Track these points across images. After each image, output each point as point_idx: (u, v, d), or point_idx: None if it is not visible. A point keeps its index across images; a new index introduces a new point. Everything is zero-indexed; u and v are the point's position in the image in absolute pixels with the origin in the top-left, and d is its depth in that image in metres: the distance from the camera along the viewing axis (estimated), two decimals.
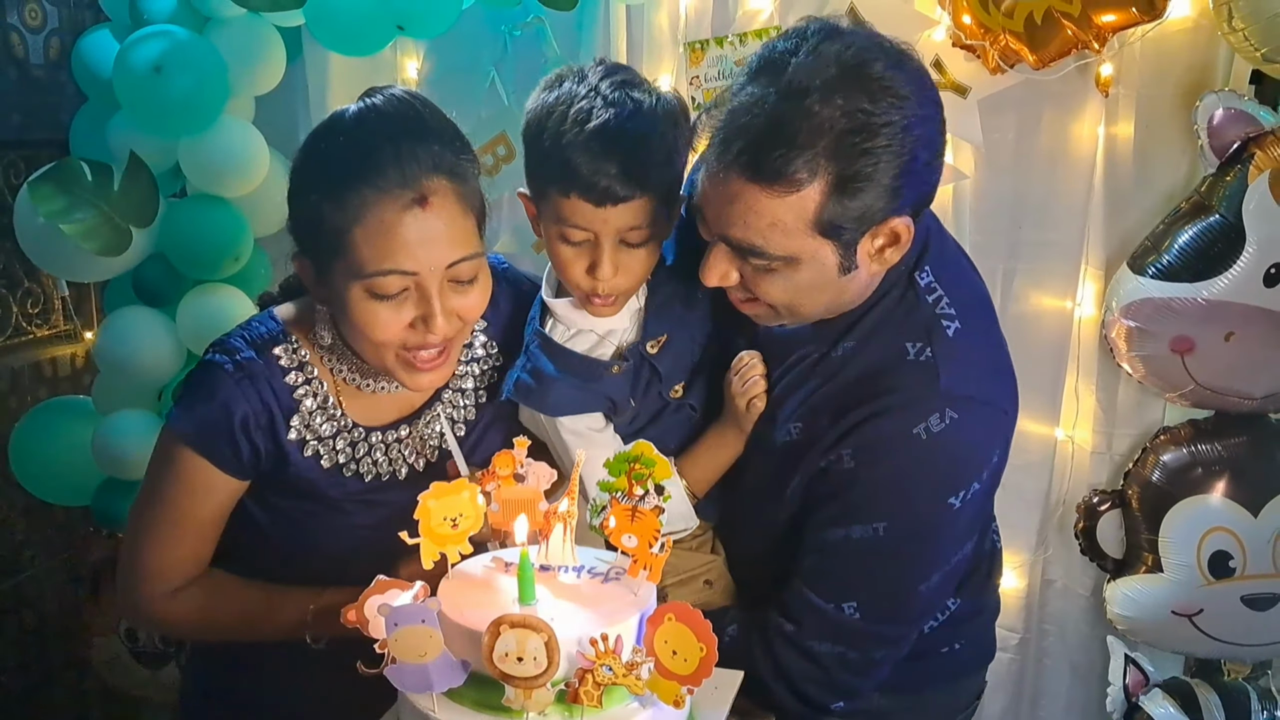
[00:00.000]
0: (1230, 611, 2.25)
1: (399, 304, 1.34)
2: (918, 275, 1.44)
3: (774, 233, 1.31)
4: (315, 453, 1.47)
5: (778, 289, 1.39)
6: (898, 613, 1.47)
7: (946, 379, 1.39)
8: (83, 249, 2.31)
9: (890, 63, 1.29)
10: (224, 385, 1.41)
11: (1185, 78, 2.26)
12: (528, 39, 2.59)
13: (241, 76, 2.42)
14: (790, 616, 1.47)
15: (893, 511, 1.40)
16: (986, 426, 1.44)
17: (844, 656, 1.45)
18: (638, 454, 1.25)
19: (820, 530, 1.45)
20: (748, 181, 1.29)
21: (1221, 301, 2.13)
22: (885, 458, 1.39)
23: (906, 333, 1.42)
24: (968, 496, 1.41)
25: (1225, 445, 2.26)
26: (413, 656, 1.08)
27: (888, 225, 1.33)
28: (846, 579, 1.44)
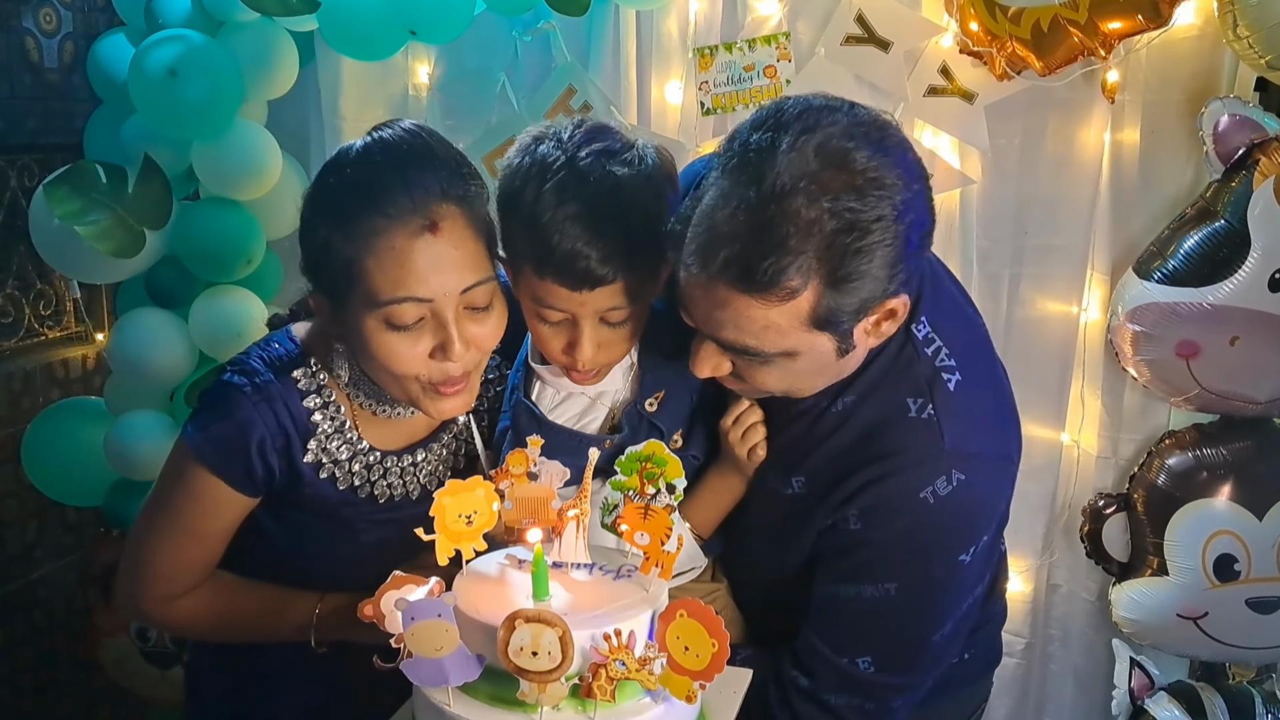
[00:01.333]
0: (1235, 614, 2.25)
1: (417, 334, 1.33)
2: (915, 328, 1.40)
3: (768, 334, 1.27)
4: (331, 475, 1.46)
5: (774, 378, 1.35)
6: (912, 664, 1.46)
7: (951, 438, 1.36)
8: (97, 250, 2.33)
9: (874, 148, 1.22)
10: (242, 407, 1.40)
11: (1190, 84, 2.27)
12: (538, 44, 2.60)
13: (255, 80, 2.44)
14: (804, 669, 1.46)
15: (903, 573, 1.38)
16: (993, 481, 1.42)
17: (862, 707, 1.44)
18: (649, 453, 1.26)
19: (831, 585, 1.44)
20: (738, 292, 1.23)
21: (1226, 306, 2.13)
22: (892, 521, 1.37)
23: (906, 388, 1.38)
24: (977, 550, 1.40)
25: (1230, 449, 2.26)
26: (428, 651, 1.09)
27: (884, 307, 1.29)
28: (859, 634, 1.42)
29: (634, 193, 1.34)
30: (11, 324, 2.82)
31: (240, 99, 2.41)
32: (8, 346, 2.81)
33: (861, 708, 1.44)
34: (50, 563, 2.96)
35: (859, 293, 1.24)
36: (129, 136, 2.46)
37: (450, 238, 1.30)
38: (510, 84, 2.63)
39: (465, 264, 1.32)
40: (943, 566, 1.39)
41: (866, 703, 1.44)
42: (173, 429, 2.55)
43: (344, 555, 1.51)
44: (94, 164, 2.36)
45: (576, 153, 1.34)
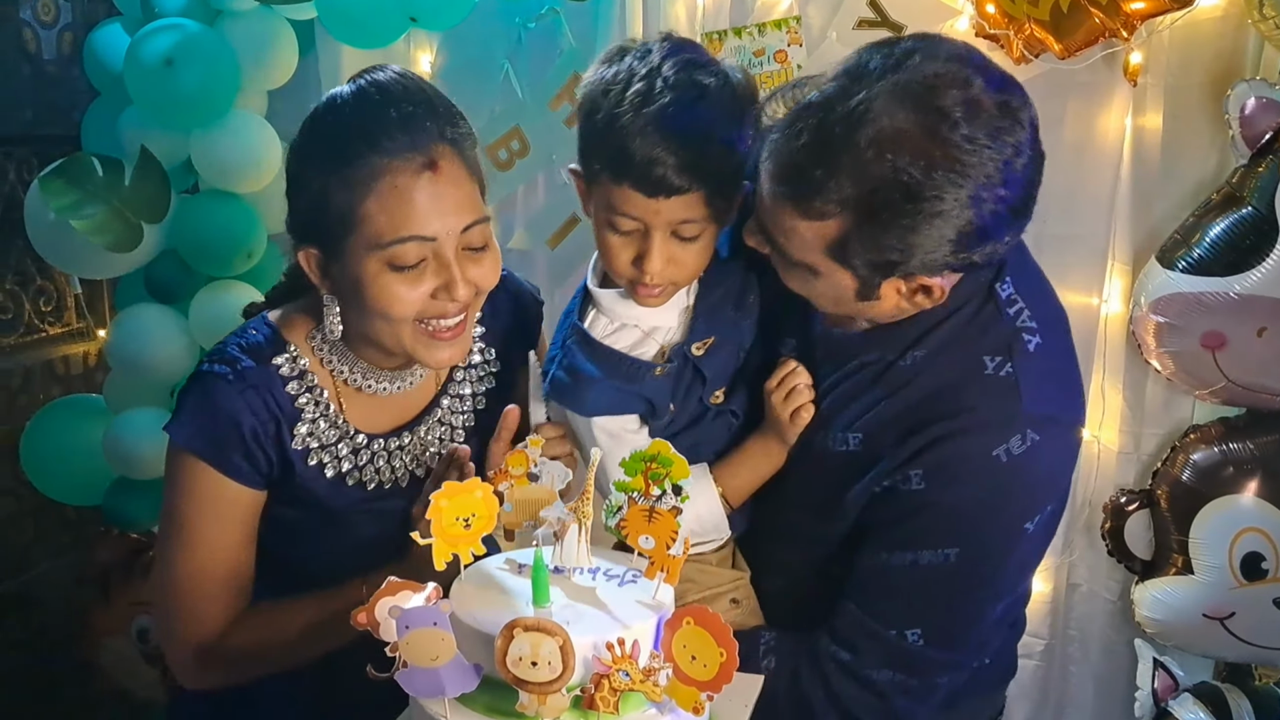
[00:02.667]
0: (1263, 614, 2.20)
1: (418, 275, 1.32)
2: (999, 286, 1.37)
3: (793, 241, 1.29)
4: (319, 462, 1.44)
5: (797, 285, 1.37)
6: (963, 639, 1.41)
7: (1028, 398, 1.33)
8: (93, 244, 2.30)
9: (979, 130, 1.18)
10: (228, 396, 1.38)
11: (1214, 67, 2.22)
12: (542, 31, 2.57)
13: (253, 70, 2.43)
14: (845, 644, 1.41)
15: (966, 538, 1.34)
16: (1065, 449, 1.40)
17: (905, 684, 1.40)
18: (654, 453, 1.22)
19: (883, 553, 1.39)
20: (775, 189, 1.26)
21: (1254, 296, 2.08)
22: (962, 482, 1.33)
23: (985, 346, 1.35)
24: (1041, 520, 1.37)
25: (1258, 444, 2.21)
26: (424, 660, 1.06)
27: (918, 280, 1.28)
28: (911, 605, 1.38)
29: (717, 105, 1.34)
30: (11, 320, 2.82)
31: (237, 89, 2.40)
32: (7, 343, 2.82)
33: (905, 684, 1.40)
34: (48, 561, 2.96)
35: (886, 253, 1.23)
36: (126, 128, 2.45)
37: (449, 177, 1.31)
38: (514, 71, 2.61)
39: (464, 203, 1.33)
40: (1007, 533, 1.35)
41: (911, 679, 1.39)
42: None
43: (338, 552, 1.48)
44: (90, 156, 2.36)
45: (662, 62, 1.35)
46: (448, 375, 1.56)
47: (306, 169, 1.35)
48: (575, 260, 2.65)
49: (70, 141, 2.71)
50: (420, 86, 1.36)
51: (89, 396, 2.79)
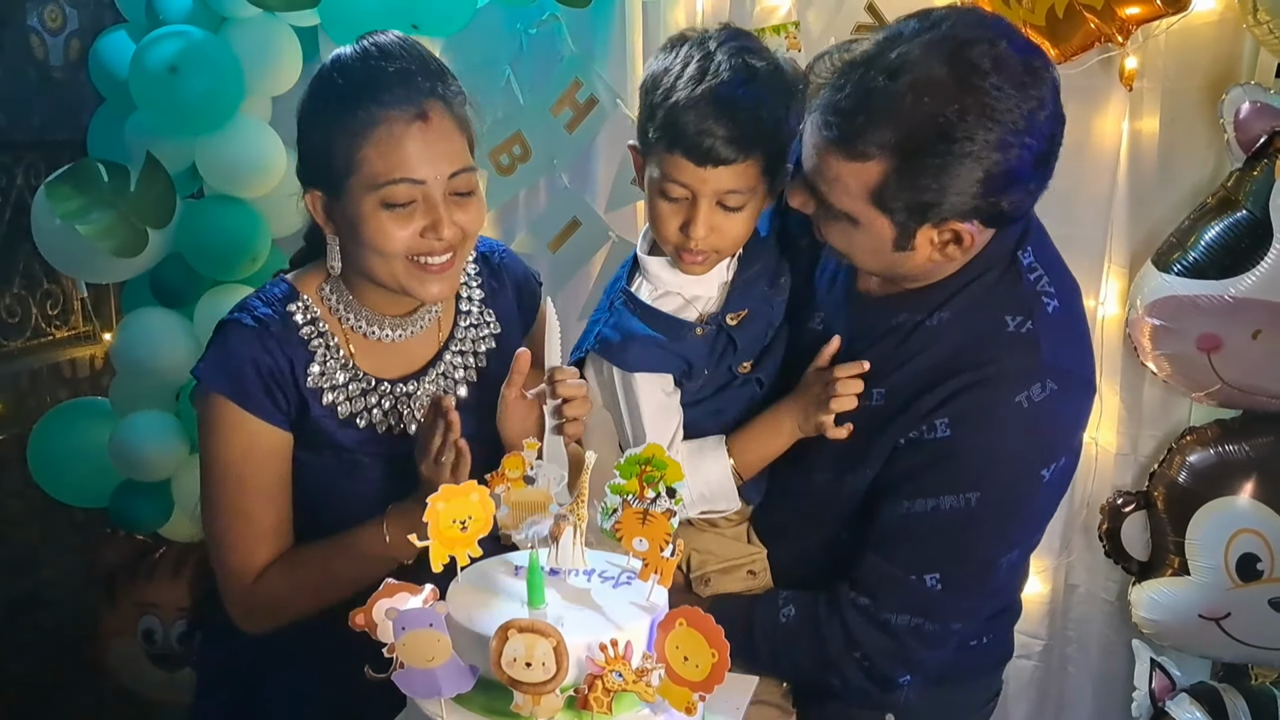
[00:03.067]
0: (1258, 615, 2.22)
1: (409, 215, 1.45)
2: (1021, 254, 1.46)
3: (837, 189, 1.37)
4: (332, 401, 1.55)
5: (835, 238, 1.44)
6: (979, 585, 1.48)
7: (1048, 351, 1.41)
8: (99, 249, 2.32)
9: (1008, 82, 1.28)
10: (247, 339, 1.51)
11: (1210, 71, 2.24)
12: (543, 37, 2.60)
13: (258, 76, 2.45)
14: (865, 589, 1.47)
15: (988, 480, 1.41)
16: (1081, 400, 1.47)
17: (921, 628, 1.45)
18: (649, 456, 1.23)
19: (904, 502, 1.45)
20: (823, 136, 1.36)
21: (1249, 299, 2.10)
22: (986, 427, 1.40)
23: (1007, 307, 1.43)
24: (1057, 469, 1.43)
25: (1253, 445, 2.22)
26: (420, 661, 1.07)
27: (949, 225, 1.36)
28: (931, 549, 1.44)
29: (766, 86, 1.45)
30: (18, 323, 2.84)
31: (241, 95, 2.41)
32: (15, 346, 2.84)
33: (921, 629, 1.45)
34: (56, 563, 2.98)
35: (922, 194, 1.32)
36: (132, 134, 2.46)
37: (439, 128, 1.45)
38: (515, 77, 2.63)
39: (452, 152, 1.46)
40: (1026, 479, 1.41)
41: (928, 623, 1.45)
42: (178, 429, 2.55)
43: (351, 495, 1.56)
44: (96, 162, 2.37)
45: (718, 47, 1.46)
46: (450, 332, 1.65)
47: (313, 119, 1.49)
48: (576, 263, 2.68)
49: (77, 147, 2.73)
50: (416, 48, 1.49)
51: (95, 400, 2.80)
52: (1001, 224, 1.40)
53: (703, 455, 1.57)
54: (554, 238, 2.67)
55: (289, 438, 1.54)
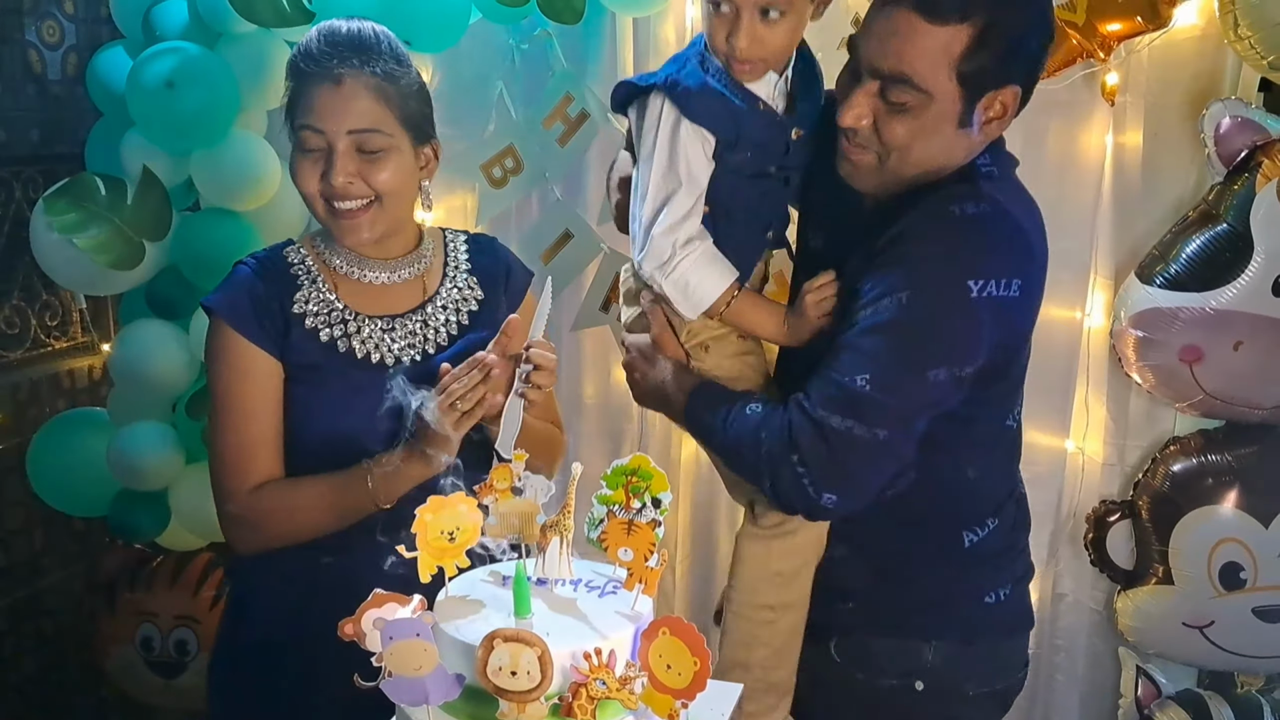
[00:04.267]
0: (1241, 623, 2.24)
1: (315, 160, 1.65)
2: (978, 161, 1.58)
3: (922, 64, 1.47)
4: (314, 326, 1.70)
5: (903, 129, 1.51)
6: (906, 390, 1.52)
7: (986, 187, 1.53)
8: (97, 263, 2.34)
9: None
10: (245, 275, 1.73)
11: (1193, 86, 2.26)
12: (535, 52, 2.62)
13: (253, 91, 2.46)
14: (808, 392, 1.55)
15: (917, 279, 1.49)
16: (1012, 235, 1.54)
17: (850, 433, 1.50)
18: (635, 467, 1.25)
19: (851, 317, 1.54)
20: (913, 14, 1.46)
21: (1230, 311, 2.13)
22: (920, 233, 1.51)
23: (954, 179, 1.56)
24: (984, 293, 1.48)
25: (1236, 455, 2.25)
26: (408, 670, 1.09)
27: (1004, 91, 1.50)
28: (864, 352, 1.51)
29: None
30: (18, 335, 2.84)
31: (237, 109, 2.42)
32: (14, 357, 2.84)
33: (852, 433, 1.50)
34: (57, 571, 2.98)
35: (998, 56, 1.46)
36: (128, 148, 2.47)
37: (350, 92, 1.63)
38: (508, 92, 2.65)
39: (359, 112, 1.64)
40: (952, 285, 1.48)
41: (857, 426, 1.50)
42: (175, 440, 2.57)
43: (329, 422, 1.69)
44: (93, 176, 2.39)
45: None
46: (435, 290, 1.79)
47: (286, 76, 1.71)
48: (568, 275, 2.69)
49: (75, 160, 2.74)
50: (365, 32, 1.68)
51: (93, 410, 2.80)
52: (1031, 85, 1.55)
53: (714, 266, 1.64)
54: (546, 249, 2.69)
55: (278, 365, 1.69)
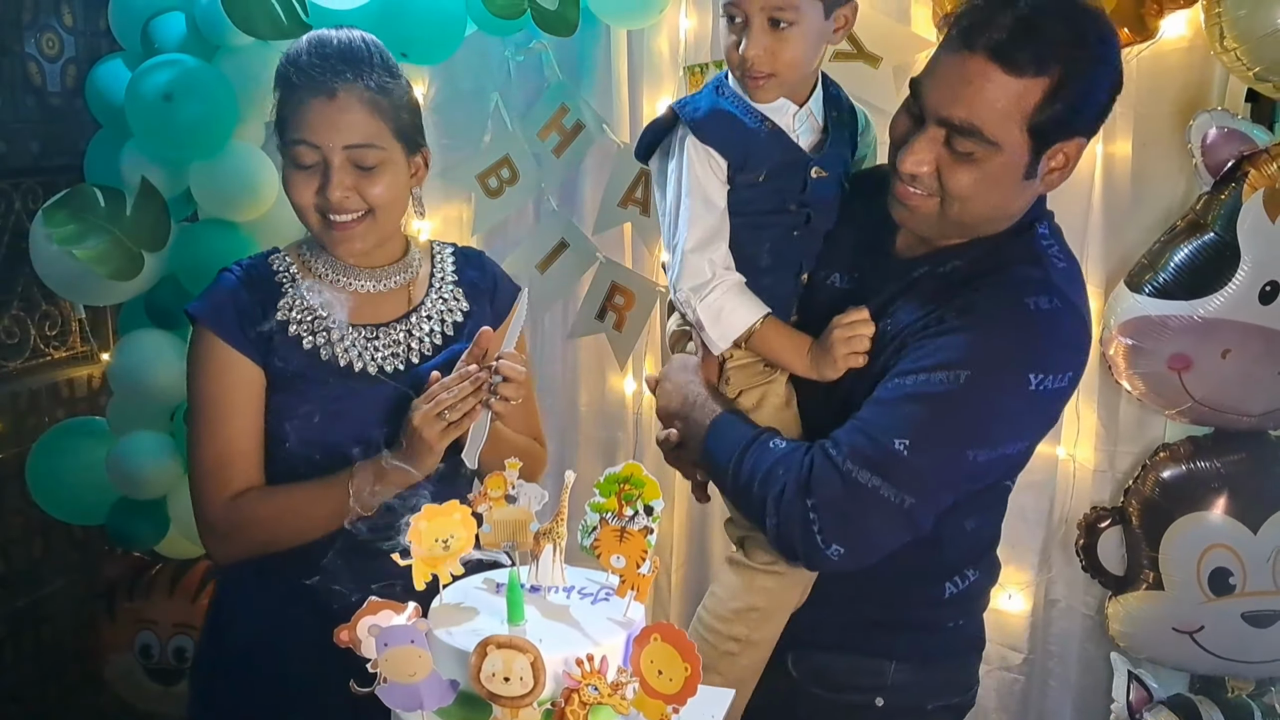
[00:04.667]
0: (1231, 628, 2.25)
1: (311, 175, 1.65)
2: (1037, 225, 1.57)
3: (994, 115, 1.44)
4: (297, 334, 1.71)
5: (968, 178, 1.49)
6: (943, 465, 1.50)
7: (1057, 279, 1.52)
8: (96, 273, 2.36)
9: (1099, 10, 1.52)
10: (230, 282, 1.73)
11: (1182, 96, 2.28)
12: (530, 64, 2.65)
13: (250, 102, 2.47)
14: (838, 441, 1.52)
15: (981, 365, 1.46)
16: (1078, 334, 1.54)
17: (877, 493, 1.47)
18: (627, 475, 1.26)
19: (896, 379, 1.51)
20: (990, 63, 1.43)
21: (1218, 319, 2.14)
22: (992, 317, 1.49)
23: (1019, 257, 1.54)
24: (1041, 386, 1.48)
25: (1224, 462, 2.26)
26: (403, 676, 1.11)
27: (1070, 144, 1.49)
28: (909, 417, 1.48)
29: None
30: (17, 344, 2.86)
31: (235, 121, 2.44)
32: (14, 367, 2.86)
33: (878, 493, 1.47)
34: (56, 580, 3.00)
35: (1068, 104, 1.44)
36: (127, 160, 2.49)
37: (343, 105, 1.64)
38: (504, 103, 2.68)
39: (354, 126, 1.64)
40: (1015, 375, 1.47)
41: (885, 487, 1.47)
42: (173, 448, 2.58)
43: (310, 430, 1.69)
44: (92, 188, 2.41)
45: None
46: (420, 300, 1.79)
47: (275, 87, 1.72)
48: (564, 283, 2.72)
49: (74, 172, 2.76)
50: (356, 43, 1.68)
51: (92, 419, 2.82)
52: (1094, 134, 1.55)
53: (746, 296, 1.64)
54: (542, 259, 2.71)
55: (260, 373, 1.70)
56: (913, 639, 1.67)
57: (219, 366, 1.69)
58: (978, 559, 1.69)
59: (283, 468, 1.71)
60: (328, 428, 1.68)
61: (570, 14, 2.33)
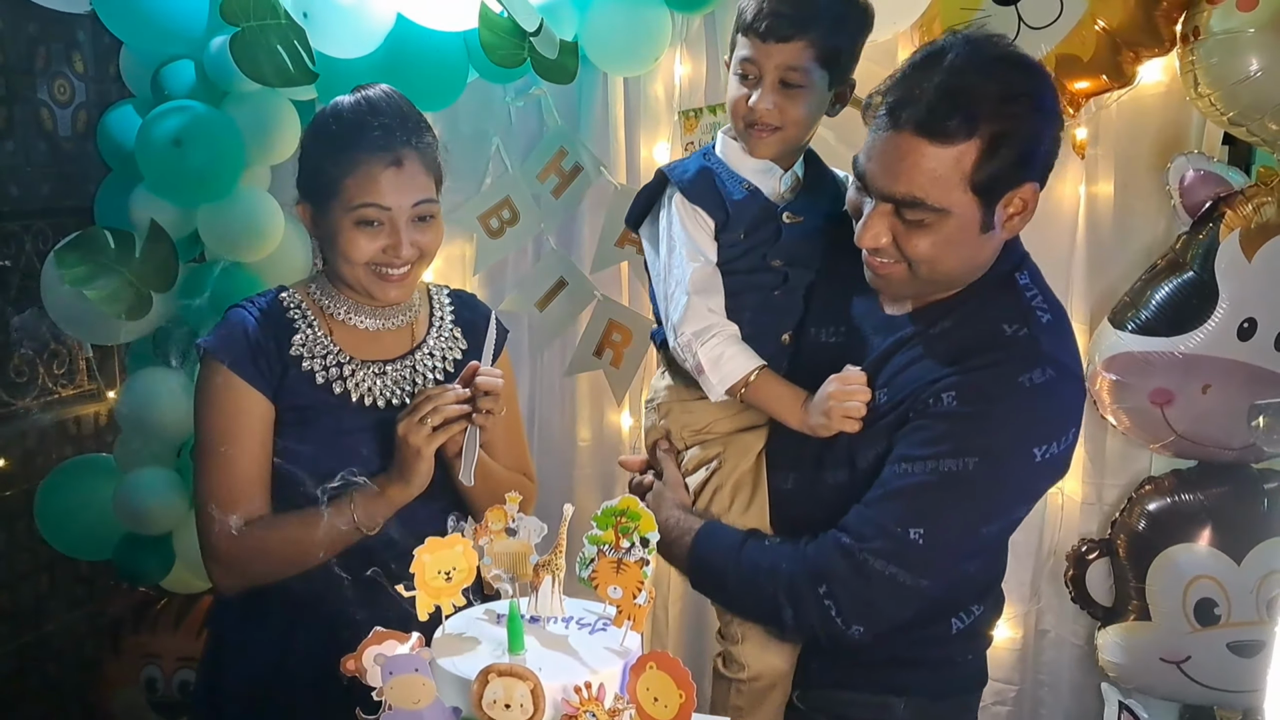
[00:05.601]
0: (1217, 658, 2.28)
1: (375, 233, 1.71)
2: (1017, 275, 1.59)
3: (934, 185, 1.46)
4: (310, 369, 1.76)
5: (925, 243, 1.50)
6: (958, 547, 1.54)
7: (1046, 345, 1.52)
8: (106, 313, 2.40)
9: (1022, 57, 1.52)
10: (241, 315, 1.78)
11: (1160, 139, 2.34)
12: (530, 109, 2.72)
13: (257, 147, 2.51)
14: (850, 531, 1.54)
15: (987, 449, 1.48)
16: (1075, 395, 1.56)
17: (895, 579, 1.51)
18: (624, 508, 1.30)
19: (904, 464, 1.53)
20: (918, 138, 1.45)
21: (1198, 355, 2.19)
22: (992, 399, 1.50)
23: (1004, 316, 1.55)
24: (1046, 455, 1.51)
25: (1208, 494, 2.30)
26: (407, 703, 1.14)
27: (1022, 189, 1.50)
28: (922, 506, 1.51)
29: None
30: (26, 383, 2.89)
31: (242, 166, 2.48)
32: (23, 404, 2.89)
33: (895, 579, 1.51)
34: (62, 615, 3.02)
35: (1007, 156, 1.45)
36: (137, 202, 2.51)
37: (408, 170, 1.72)
38: (504, 147, 2.74)
39: (416, 186, 1.72)
40: (1021, 453, 1.50)
41: (902, 573, 1.51)
42: (180, 485, 2.61)
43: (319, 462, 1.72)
44: (102, 230, 2.44)
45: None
46: (422, 338, 1.87)
47: (311, 149, 1.77)
48: (563, 321, 2.77)
49: (83, 214, 2.79)
50: (399, 103, 1.76)
51: (100, 456, 2.83)
52: (1047, 176, 1.54)
53: (742, 347, 1.69)
54: (541, 297, 2.77)
55: (271, 407, 1.74)
56: (923, 676, 1.69)
57: (231, 399, 1.73)
58: (982, 595, 1.71)
59: (291, 499, 1.74)
60: (337, 459, 1.71)
61: (569, 62, 2.39)
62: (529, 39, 2.27)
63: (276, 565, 1.74)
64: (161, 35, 2.44)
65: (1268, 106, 2.08)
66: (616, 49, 2.46)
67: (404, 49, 2.27)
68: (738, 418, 1.77)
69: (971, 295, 1.58)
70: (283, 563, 1.74)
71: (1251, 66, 2.05)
